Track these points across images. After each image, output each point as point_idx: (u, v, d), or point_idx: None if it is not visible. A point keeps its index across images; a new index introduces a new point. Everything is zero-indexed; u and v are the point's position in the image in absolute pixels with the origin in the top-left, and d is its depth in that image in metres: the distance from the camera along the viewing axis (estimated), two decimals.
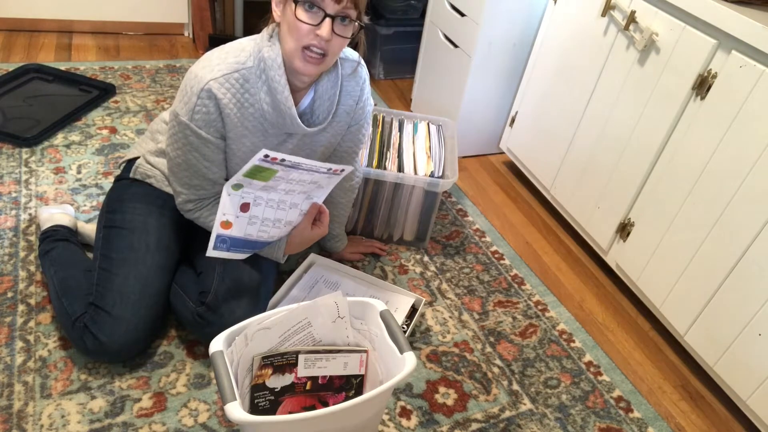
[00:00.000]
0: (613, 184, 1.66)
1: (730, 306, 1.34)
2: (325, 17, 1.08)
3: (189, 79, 1.16)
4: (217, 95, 1.14)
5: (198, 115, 1.14)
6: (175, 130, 1.19)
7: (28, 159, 1.82)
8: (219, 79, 1.14)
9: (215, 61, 1.15)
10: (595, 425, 1.33)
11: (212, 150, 1.20)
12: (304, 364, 1.11)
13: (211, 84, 1.13)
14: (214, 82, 1.13)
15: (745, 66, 1.27)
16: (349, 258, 1.65)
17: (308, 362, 1.11)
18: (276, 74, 1.16)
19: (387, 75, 2.71)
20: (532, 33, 1.99)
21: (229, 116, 1.17)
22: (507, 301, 1.63)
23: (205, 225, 1.29)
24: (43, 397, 1.20)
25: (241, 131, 1.20)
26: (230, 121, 1.18)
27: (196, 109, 1.14)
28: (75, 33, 2.58)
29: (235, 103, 1.17)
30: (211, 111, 1.15)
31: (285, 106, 1.19)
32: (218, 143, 1.20)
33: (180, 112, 1.16)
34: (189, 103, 1.14)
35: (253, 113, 1.20)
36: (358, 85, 1.32)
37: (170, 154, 1.23)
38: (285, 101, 1.18)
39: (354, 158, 1.44)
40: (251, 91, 1.17)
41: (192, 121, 1.15)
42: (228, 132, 1.20)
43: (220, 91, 1.14)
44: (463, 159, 2.24)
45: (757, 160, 1.25)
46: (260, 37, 1.18)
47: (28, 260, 1.48)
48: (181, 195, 1.27)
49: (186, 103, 1.15)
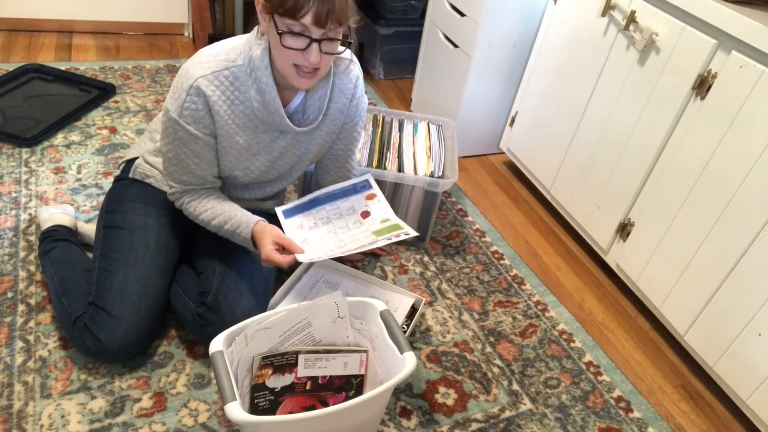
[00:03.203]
0: (613, 184, 1.66)
1: (730, 306, 1.34)
2: (311, 42, 1.09)
3: (180, 75, 1.17)
4: (206, 92, 1.15)
5: (187, 111, 1.16)
6: (166, 125, 1.20)
7: (28, 159, 1.82)
8: (208, 76, 1.15)
9: (206, 58, 1.16)
10: (595, 425, 1.33)
11: (201, 146, 1.21)
12: (304, 364, 1.11)
13: (200, 81, 1.14)
14: (203, 80, 1.14)
15: (745, 66, 1.27)
16: (349, 258, 1.65)
17: (308, 362, 1.11)
18: (263, 75, 1.16)
19: (387, 75, 2.71)
20: (532, 33, 1.99)
21: (218, 113, 1.18)
22: (507, 301, 1.62)
23: (192, 216, 1.30)
24: (43, 397, 1.20)
25: (232, 128, 1.21)
26: (220, 118, 1.19)
27: (185, 105, 1.15)
28: (75, 33, 2.58)
29: (225, 101, 1.17)
30: (199, 108, 1.16)
31: (273, 107, 1.20)
32: (207, 140, 1.21)
33: (170, 107, 1.17)
34: (178, 100, 1.16)
35: (244, 110, 1.20)
36: (352, 83, 1.32)
37: (162, 149, 1.25)
38: (273, 101, 1.19)
39: (350, 156, 1.44)
40: (241, 89, 1.18)
41: (181, 117, 1.16)
42: (218, 129, 1.20)
43: (209, 89, 1.15)
44: (463, 159, 2.24)
45: (757, 160, 1.25)
46: (251, 35, 1.19)
47: (28, 260, 1.48)
48: (172, 187, 1.29)
49: (176, 99, 1.16)
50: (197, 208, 1.28)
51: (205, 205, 1.28)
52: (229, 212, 1.27)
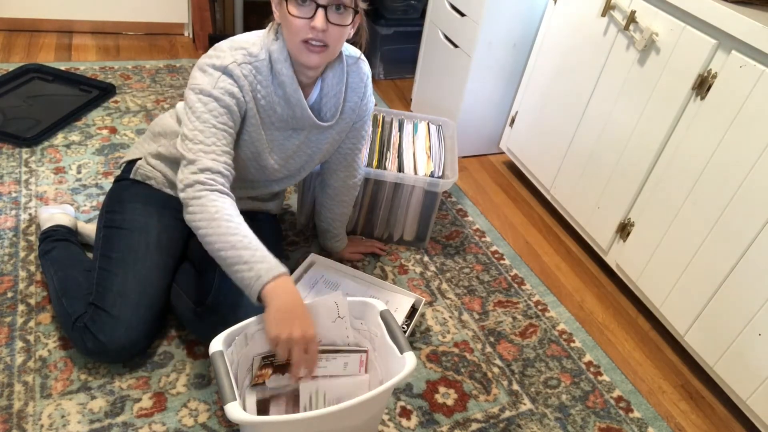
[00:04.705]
0: (613, 184, 1.66)
1: (730, 306, 1.34)
2: (318, 8, 1.08)
3: (208, 60, 1.15)
4: (240, 77, 1.14)
5: (222, 84, 1.13)
6: (194, 101, 1.12)
7: (28, 159, 1.82)
8: (240, 65, 1.14)
9: (230, 51, 1.16)
10: (595, 425, 1.33)
11: (233, 120, 1.15)
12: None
13: (233, 66, 1.14)
14: (236, 65, 1.14)
15: (745, 66, 1.27)
16: (349, 258, 1.65)
17: None
18: (283, 67, 1.17)
19: (387, 75, 2.71)
20: (532, 33, 1.99)
21: (248, 102, 1.18)
22: (507, 301, 1.62)
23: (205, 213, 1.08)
24: (43, 397, 1.20)
25: (250, 121, 1.21)
26: (249, 108, 1.18)
27: (221, 80, 1.13)
28: (75, 33, 2.58)
29: (249, 92, 1.17)
30: (234, 86, 1.15)
31: (294, 98, 1.20)
32: (237, 118, 1.16)
33: (202, 83, 1.12)
34: (213, 76, 1.13)
35: (264, 106, 1.20)
36: (363, 81, 1.32)
37: (186, 131, 1.12)
38: (294, 93, 1.19)
39: (357, 156, 1.44)
40: (263, 83, 1.18)
41: (215, 89, 1.12)
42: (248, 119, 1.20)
43: (241, 75, 1.15)
44: (463, 159, 2.24)
45: (757, 160, 1.25)
46: (265, 33, 1.19)
47: (28, 260, 1.48)
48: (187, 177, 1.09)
49: (210, 76, 1.13)
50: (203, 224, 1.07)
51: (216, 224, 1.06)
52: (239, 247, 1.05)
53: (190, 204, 1.09)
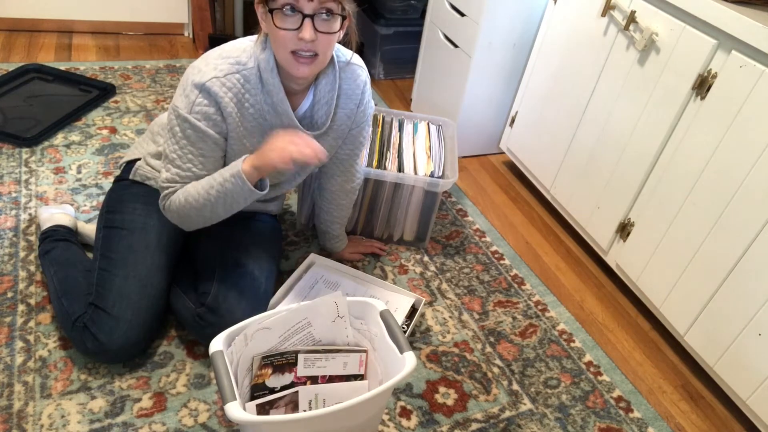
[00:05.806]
0: (613, 184, 1.66)
1: (730, 306, 1.34)
2: (305, 19, 1.07)
3: (191, 74, 1.15)
4: (218, 93, 1.14)
5: (198, 107, 1.14)
6: (173, 124, 1.17)
7: (28, 159, 1.82)
8: (221, 78, 1.13)
9: (217, 60, 1.15)
10: (595, 425, 1.33)
11: (209, 146, 1.18)
12: (303, 363, 1.11)
13: (213, 81, 1.13)
14: (216, 81, 1.13)
15: (745, 66, 1.27)
16: (349, 258, 1.65)
17: (308, 362, 1.11)
18: (269, 76, 1.16)
19: (387, 75, 2.71)
20: (532, 33, 1.99)
21: (230, 115, 1.17)
22: (507, 301, 1.62)
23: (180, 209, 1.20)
24: (43, 397, 1.20)
25: (241, 132, 1.20)
26: (232, 120, 1.17)
27: (197, 102, 1.13)
28: (75, 33, 2.58)
29: (236, 103, 1.16)
30: (210, 106, 1.14)
31: (281, 108, 1.19)
32: (217, 139, 1.18)
33: (179, 105, 1.15)
34: (189, 97, 1.14)
35: (253, 114, 1.19)
36: (359, 88, 1.31)
37: (166, 150, 1.20)
38: (281, 103, 1.18)
39: (355, 161, 1.44)
40: (252, 92, 1.17)
41: (191, 114, 1.14)
42: (229, 132, 1.19)
43: (221, 90, 1.14)
44: (463, 159, 2.24)
45: (757, 160, 1.25)
46: (255, 40, 1.18)
47: (28, 260, 1.48)
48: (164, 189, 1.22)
49: (186, 97, 1.14)
50: (179, 196, 1.19)
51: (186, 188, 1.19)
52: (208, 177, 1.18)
53: (166, 209, 1.23)
